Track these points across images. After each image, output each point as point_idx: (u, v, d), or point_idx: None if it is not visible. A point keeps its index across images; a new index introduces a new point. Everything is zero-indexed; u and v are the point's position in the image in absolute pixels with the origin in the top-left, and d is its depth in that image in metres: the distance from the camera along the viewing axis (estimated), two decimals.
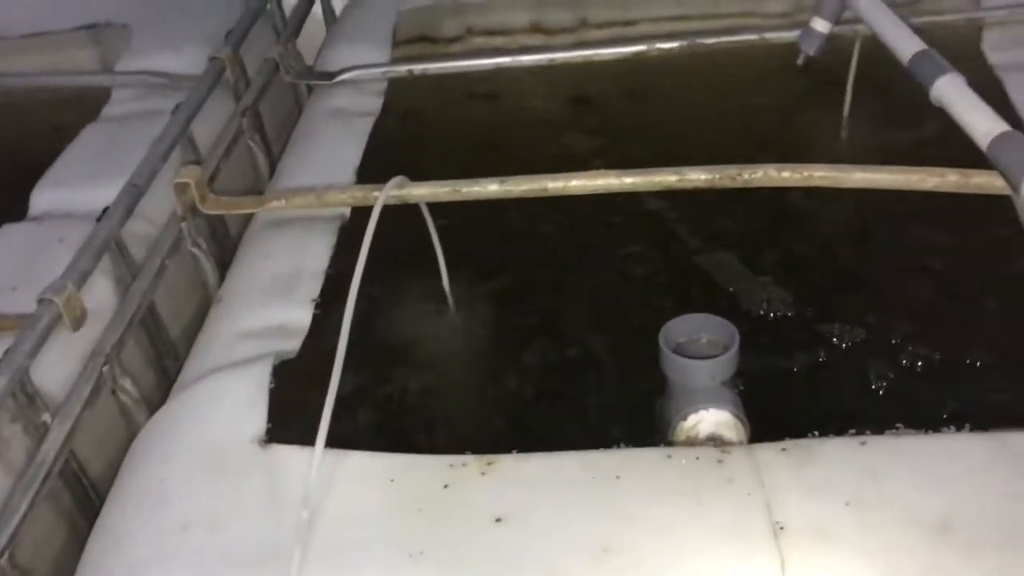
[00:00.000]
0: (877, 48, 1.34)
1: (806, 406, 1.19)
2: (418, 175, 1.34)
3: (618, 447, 1.08)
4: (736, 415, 1.10)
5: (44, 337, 1.17)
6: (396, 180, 1.30)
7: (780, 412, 1.15)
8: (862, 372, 1.22)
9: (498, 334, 1.34)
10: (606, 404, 1.22)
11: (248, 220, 1.59)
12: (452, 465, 1.05)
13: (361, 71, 1.85)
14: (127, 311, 1.29)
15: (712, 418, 1.09)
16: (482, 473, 1.03)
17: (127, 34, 2.01)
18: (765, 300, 1.35)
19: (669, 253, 1.46)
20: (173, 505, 1.05)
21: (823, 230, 1.48)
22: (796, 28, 1.63)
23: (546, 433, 1.18)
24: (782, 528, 0.93)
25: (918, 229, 1.44)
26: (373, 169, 1.60)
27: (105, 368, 1.21)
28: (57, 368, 1.22)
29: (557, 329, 1.34)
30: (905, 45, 1.18)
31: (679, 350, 1.15)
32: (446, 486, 1.02)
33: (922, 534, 0.92)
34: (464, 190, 1.32)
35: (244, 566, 0.97)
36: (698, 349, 1.16)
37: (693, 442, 1.08)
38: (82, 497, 1.20)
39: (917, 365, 1.22)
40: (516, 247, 1.51)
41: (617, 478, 1.01)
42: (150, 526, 1.03)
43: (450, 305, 1.37)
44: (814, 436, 1.05)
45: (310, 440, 0.99)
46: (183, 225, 1.43)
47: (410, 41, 2.09)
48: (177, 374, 1.32)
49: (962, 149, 1.12)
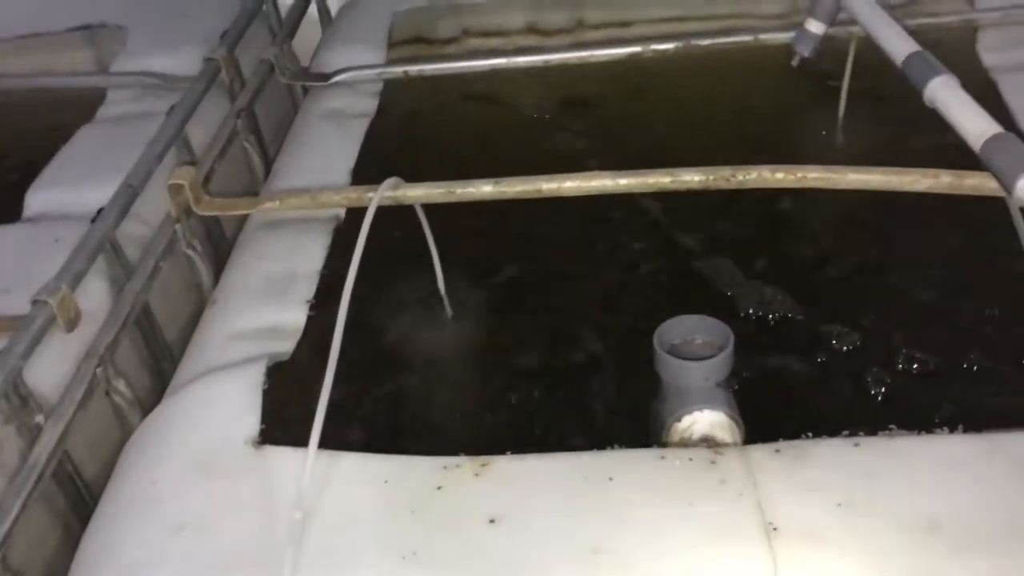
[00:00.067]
0: (873, 50, 1.35)
1: (801, 407, 1.19)
2: (413, 176, 1.33)
3: (612, 448, 1.08)
4: (730, 416, 1.09)
5: (38, 338, 1.17)
6: (391, 181, 1.29)
7: (775, 414, 1.14)
8: (857, 374, 1.22)
9: (492, 335, 1.34)
10: (600, 405, 1.22)
11: (243, 221, 1.59)
12: (446, 466, 1.05)
13: (356, 72, 1.84)
14: (121, 312, 1.29)
15: (706, 419, 1.09)
16: (476, 474, 1.03)
17: (123, 35, 2.00)
18: (759, 302, 1.35)
19: (663, 254, 1.46)
20: (166, 507, 1.04)
21: (818, 231, 1.48)
22: (791, 29, 1.63)
23: (540, 434, 1.17)
24: (775, 529, 0.93)
25: (914, 231, 1.44)
26: (368, 171, 1.60)
27: (99, 369, 1.21)
28: (51, 369, 1.22)
29: (552, 331, 1.34)
30: (898, 46, 1.18)
31: (673, 351, 1.15)
32: (440, 487, 1.02)
33: (914, 535, 0.92)
34: (459, 191, 1.32)
35: (237, 568, 0.97)
36: (693, 350, 1.16)
37: (687, 443, 1.08)
38: (76, 499, 1.20)
39: (911, 367, 1.22)
40: (512, 248, 1.50)
41: (610, 479, 1.01)
42: (143, 528, 1.03)
43: (445, 306, 1.37)
44: (807, 437, 1.06)
45: (304, 441, 0.98)
46: (177, 226, 1.43)
47: (406, 42, 2.09)
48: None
49: (958, 151, 1.12)
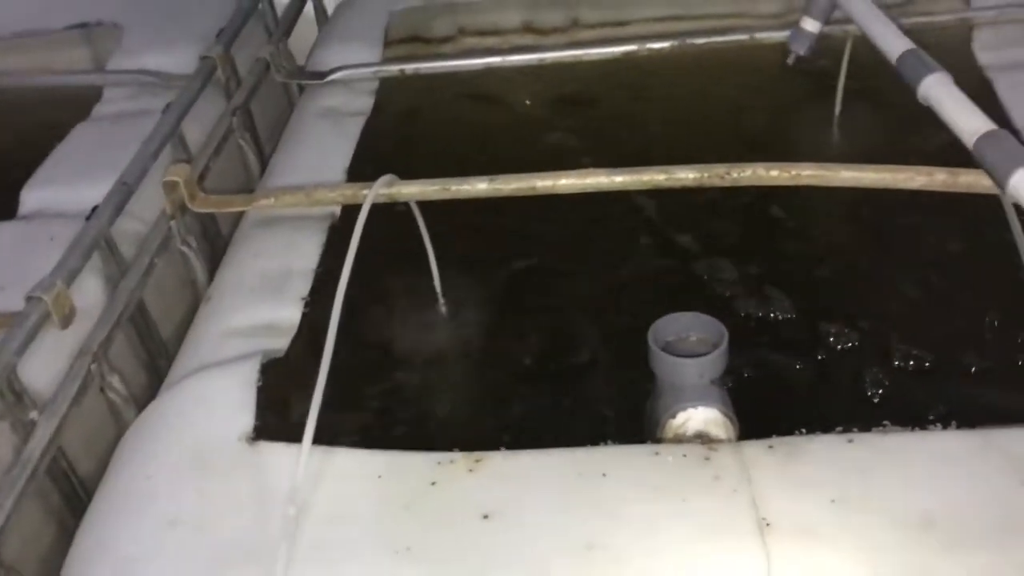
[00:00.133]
0: (869, 49, 1.35)
1: (795, 404, 1.19)
2: (409, 175, 1.33)
3: (606, 444, 1.08)
4: (725, 413, 1.09)
5: (32, 335, 1.16)
6: (385, 178, 1.29)
7: (769, 410, 1.15)
8: (852, 371, 1.22)
9: (487, 332, 1.34)
10: (595, 402, 1.22)
11: (239, 219, 1.59)
12: (440, 462, 1.04)
13: (352, 71, 1.84)
14: (116, 309, 1.29)
15: (701, 416, 1.09)
16: (470, 470, 1.03)
17: (119, 33, 2.00)
18: (754, 299, 1.35)
19: (657, 252, 1.46)
20: (160, 502, 1.04)
21: (813, 229, 1.48)
22: (787, 28, 1.63)
23: (534, 431, 1.17)
24: (768, 525, 0.93)
25: (908, 230, 1.44)
26: (364, 169, 1.60)
27: (93, 366, 1.21)
28: (46, 366, 1.22)
29: (547, 327, 1.34)
30: (893, 44, 1.17)
31: (668, 348, 1.15)
32: (434, 483, 1.02)
33: (907, 531, 0.92)
34: (453, 188, 1.32)
35: (231, 563, 0.97)
36: (687, 347, 1.16)
37: (681, 439, 1.08)
38: (70, 495, 1.20)
39: (906, 364, 1.22)
40: (506, 246, 1.51)
41: (604, 475, 1.01)
42: (137, 523, 1.03)
43: (440, 303, 1.37)
44: (801, 433, 1.06)
45: (298, 437, 0.98)
46: (172, 223, 1.43)
47: (402, 41, 2.09)
48: None
49: (954, 150, 1.12)
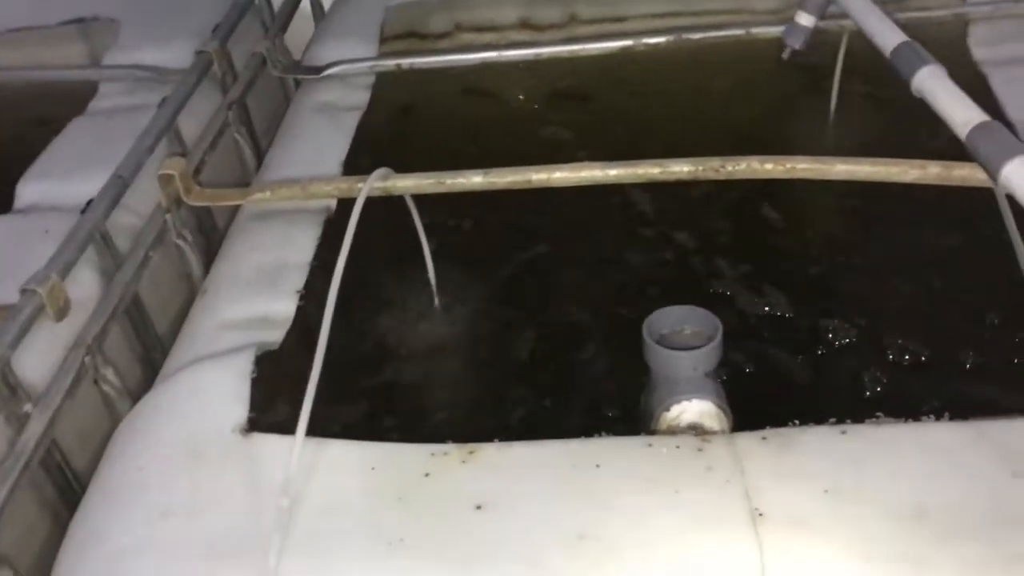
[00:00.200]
0: (866, 46, 1.35)
1: (789, 397, 1.19)
2: (404, 169, 1.33)
3: (599, 436, 1.08)
4: (719, 405, 1.10)
5: (27, 327, 1.16)
6: (380, 172, 1.29)
7: (764, 403, 1.15)
8: (847, 364, 1.22)
9: (481, 325, 1.34)
10: (589, 394, 1.22)
11: (235, 213, 1.59)
12: (433, 454, 1.05)
13: (348, 65, 1.84)
14: (110, 301, 1.29)
15: (695, 408, 1.09)
16: (463, 462, 1.03)
17: (115, 28, 2.00)
18: (749, 293, 1.35)
19: (652, 245, 1.46)
20: (153, 493, 1.04)
21: (807, 224, 1.49)
22: (783, 23, 1.63)
23: (529, 423, 1.17)
24: (761, 515, 0.93)
25: (902, 224, 1.44)
26: (359, 163, 1.60)
27: (87, 358, 1.21)
28: (41, 359, 1.22)
29: (542, 320, 1.34)
30: (887, 37, 1.18)
31: (663, 341, 1.15)
32: (427, 474, 1.02)
33: (900, 522, 0.92)
34: (448, 182, 1.32)
35: (223, 554, 0.97)
36: (681, 340, 1.16)
37: (675, 431, 1.08)
38: (65, 488, 1.20)
39: (900, 357, 1.22)
40: (501, 239, 1.51)
41: (597, 466, 1.01)
42: (129, 514, 1.03)
43: (435, 296, 1.37)
44: (795, 425, 1.06)
45: (292, 429, 0.98)
46: (168, 216, 1.43)
47: (398, 37, 2.08)
48: None
49: (952, 147, 1.12)
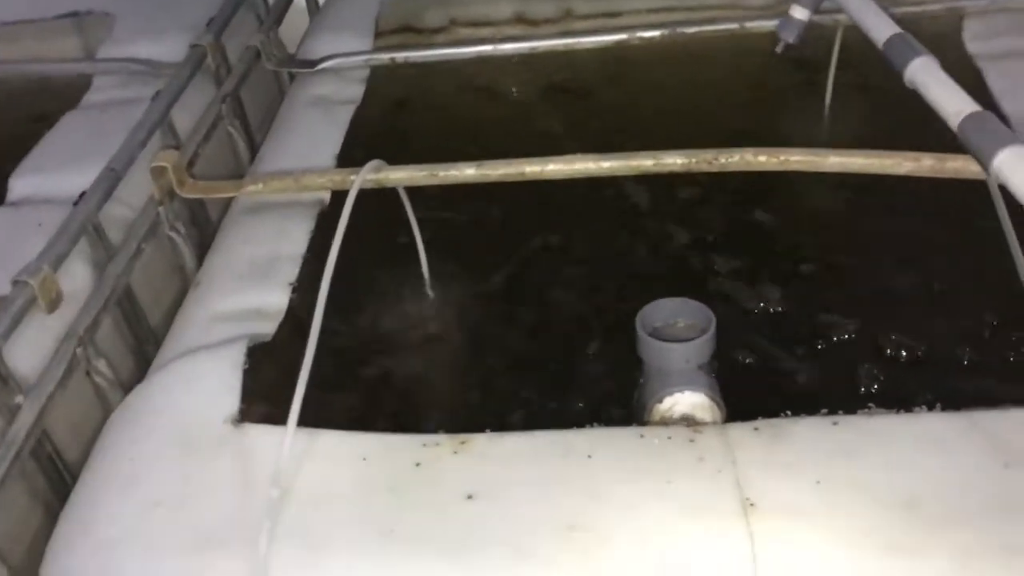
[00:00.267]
0: (862, 41, 1.34)
1: (783, 391, 1.19)
2: (398, 163, 1.33)
3: (591, 427, 1.08)
4: (711, 397, 1.10)
5: (18, 319, 1.16)
6: (373, 163, 1.29)
7: (757, 396, 1.15)
8: (840, 359, 1.22)
9: (474, 316, 1.34)
10: (582, 386, 1.22)
11: (228, 206, 1.59)
12: (425, 444, 1.04)
13: (343, 59, 1.84)
14: (102, 293, 1.28)
15: (688, 400, 1.09)
16: (455, 452, 1.03)
17: (110, 22, 2.00)
18: (744, 286, 1.35)
19: (645, 237, 1.46)
20: (144, 484, 1.04)
21: (799, 216, 1.49)
22: (777, 17, 1.63)
23: (521, 413, 1.17)
24: (752, 505, 0.93)
25: (895, 216, 1.44)
26: (353, 157, 1.59)
27: (79, 349, 1.21)
28: (33, 350, 1.21)
29: (535, 311, 1.34)
30: (880, 29, 1.18)
31: (656, 334, 1.15)
32: (418, 464, 1.02)
33: (891, 511, 0.92)
34: (441, 174, 1.32)
35: (213, 544, 0.96)
36: (675, 333, 1.16)
37: (667, 423, 1.08)
38: (56, 480, 1.20)
39: (894, 350, 1.22)
40: (496, 230, 1.51)
41: (589, 457, 1.01)
42: (120, 505, 1.02)
43: (428, 288, 1.37)
44: (787, 416, 1.06)
45: (283, 420, 0.98)
46: (160, 209, 1.42)
47: (394, 31, 2.08)
48: None
49: (948, 143, 1.12)
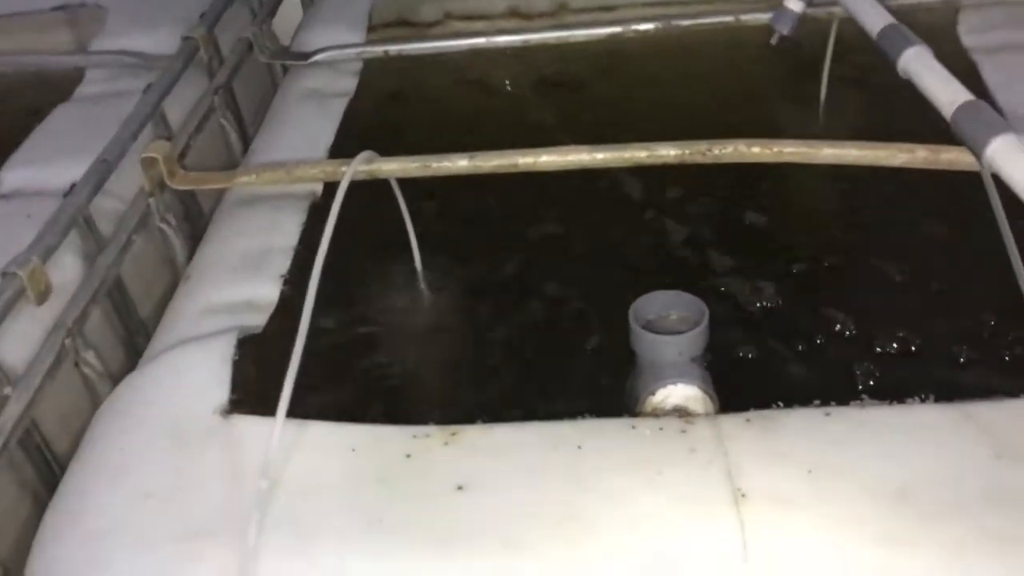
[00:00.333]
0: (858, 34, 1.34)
1: (776, 383, 1.19)
2: (391, 156, 1.33)
3: (583, 418, 1.07)
4: (704, 390, 1.09)
5: (6, 310, 1.15)
6: (365, 155, 1.29)
7: (750, 389, 1.14)
8: (836, 353, 1.22)
9: (467, 308, 1.34)
10: (575, 378, 1.22)
11: (221, 199, 1.58)
12: (415, 436, 1.04)
13: (336, 52, 1.83)
14: (92, 284, 1.28)
15: (680, 393, 1.09)
16: (445, 443, 1.03)
17: (102, 15, 1.99)
18: (737, 279, 1.34)
19: (638, 229, 1.46)
20: (133, 475, 1.03)
21: (792, 208, 1.48)
22: (771, 10, 1.63)
23: (513, 405, 1.17)
24: (743, 496, 0.93)
25: (889, 209, 1.44)
26: (346, 149, 1.58)
27: (67, 340, 1.20)
28: (22, 342, 1.21)
29: (528, 303, 1.34)
30: (874, 19, 1.18)
31: (649, 327, 1.14)
32: (408, 456, 1.01)
33: (882, 502, 0.92)
34: (434, 165, 1.32)
35: (202, 535, 0.96)
36: (668, 325, 1.16)
37: (659, 415, 1.08)
38: (45, 471, 1.19)
39: (887, 342, 1.22)
40: (490, 222, 1.50)
41: (579, 448, 1.00)
42: (109, 496, 1.02)
43: (420, 280, 1.36)
44: (779, 407, 1.05)
45: (273, 411, 0.97)
46: (151, 200, 1.42)
47: (388, 25, 2.08)
48: None
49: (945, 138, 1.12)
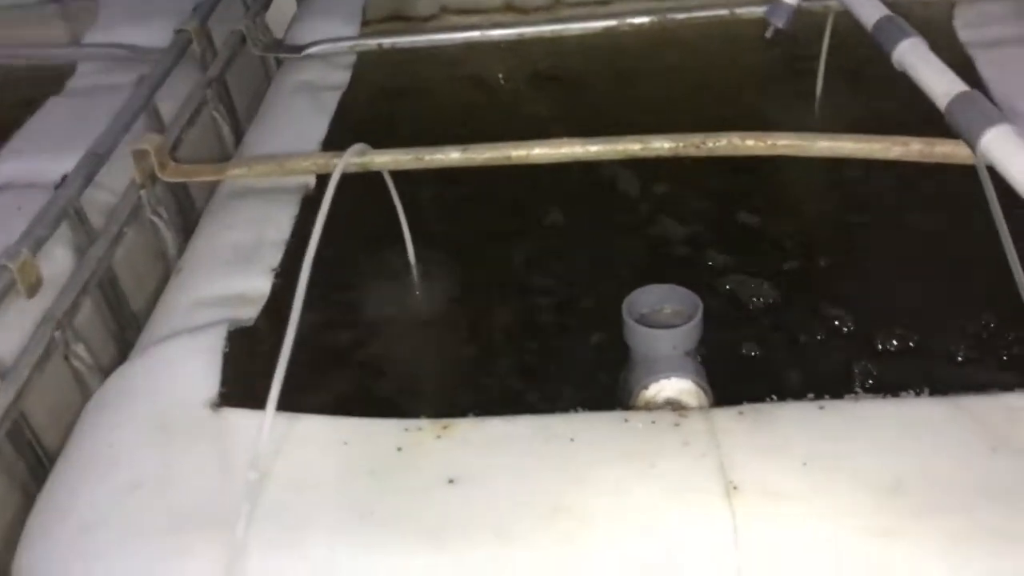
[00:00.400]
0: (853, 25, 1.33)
1: (769, 377, 1.18)
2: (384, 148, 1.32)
3: (576, 411, 1.07)
4: (698, 384, 1.09)
5: None
6: (357, 147, 1.28)
7: (745, 384, 1.14)
8: (832, 345, 1.22)
9: (461, 301, 1.33)
10: (568, 372, 1.21)
11: (213, 192, 1.57)
12: (407, 429, 1.03)
13: (329, 45, 1.83)
14: (82, 276, 1.27)
15: (674, 386, 1.08)
16: (437, 437, 1.02)
17: (95, 8, 1.98)
18: (732, 273, 1.34)
19: (632, 223, 1.45)
20: (122, 467, 1.03)
21: (786, 202, 1.48)
22: (767, 3, 1.62)
23: (506, 399, 1.16)
24: (735, 488, 0.92)
25: (885, 203, 1.43)
26: (339, 142, 1.57)
27: (57, 333, 1.19)
28: (12, 335, 1.20)
29: (521, 296, 1.33)
30: (869, 11, 1.17)
31: (643, 320, 1.14)
32: (400, 449, 1.01)
33: (875, 495, 0.91)
34: (427, 158, 1.31)
35: (191, 528, 0.95)
36: (661, 319, 1.15)
37: (652, 407, 1.07)
38: (35, 465, 1.18)
39: (883, 337, 1.21)
40: (484, 215, 1.50)
41: (572, 441, 1.00)
42: (98, 488, 1.01)
43: (413, 273, 1.36)
44: (772, 400, 1.05)
45: (263, 404, 0.97)
46: (142, 192, 1.41)
47: (383, 19, 2.08)
48: None
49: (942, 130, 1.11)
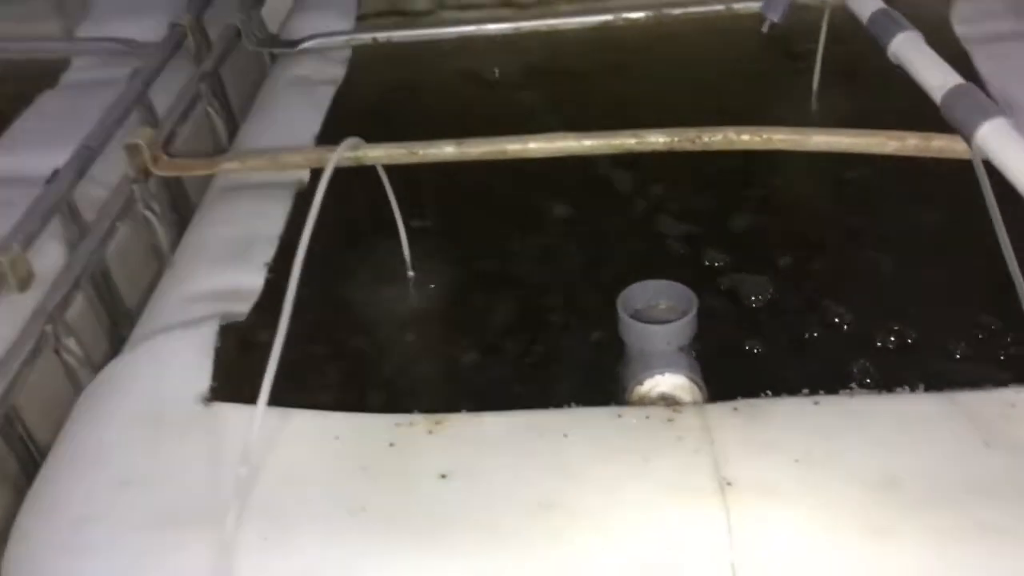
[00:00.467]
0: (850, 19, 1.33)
1: (764, 373, 1.18)
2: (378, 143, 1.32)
3: (569, 407, 1.06)
4: (692, 379, 1.08)
5: None
6: (350, 141, 1.27)
7: (740, 380, 1.13)
8: (828, 341, 1.21)
9: (454, 297, 1.32)
10: (562, 367, 1.20)
11: (207, 187, 1.57)
12: (399, 424, 1.03)
13: (324, 39, 1.83)
14: (73, 270, 1.27)
15: (668, 382, 1.08)
16: (430, 432, 1.02)
17: (88, 1, 1.97)
18: (727, 269, 1.33)
19: (626, 218, 1.45)
20: (112, 463, 1.02)
21: (781, 198, 1.47)
22: None
23: (499, 394, 1.16)
24: (729, 484, 0.92)
25: (882, 200, 1.43)
26: (334, 137, 1.56)
27: (48, 327, 1.19)
28: (3, 330, 1.19)
29: (515, 291, 1.33)
30: (865, 4, 1.17)
31: (637, 316, 1.14)
32: (392, 444, 1.00)
33: (871, 490, 0.91)
34: (421, 152, 1.31)
35: (181, 523, 0.95)
36: (656, 315, 1.15)
37: (646, 402, 1.07)
38: (26, 459, 1.18)
39: (879, 334, 1.21)
40: (480, 210, 1.49)
41: (565, 436, 0.99)
42: (88, 484, 1.01)
43: (408, 268, 1.35)
44: (767, 396, 1.04)
45: (255, 399, 0.96)
46: (135, 187, 1.40)
47: (380, 15, 2.07)
48: None
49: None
